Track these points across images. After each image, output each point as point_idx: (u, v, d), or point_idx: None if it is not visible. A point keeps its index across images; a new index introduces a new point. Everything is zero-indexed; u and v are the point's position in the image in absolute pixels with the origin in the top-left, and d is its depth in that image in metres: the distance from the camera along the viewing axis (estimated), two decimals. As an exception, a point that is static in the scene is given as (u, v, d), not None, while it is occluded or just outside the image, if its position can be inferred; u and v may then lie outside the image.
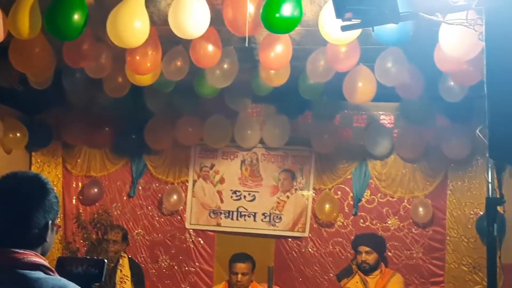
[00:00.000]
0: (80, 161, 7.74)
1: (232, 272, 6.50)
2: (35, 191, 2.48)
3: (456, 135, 6.93)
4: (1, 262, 2.37)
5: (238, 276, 6.45)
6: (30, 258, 2.39)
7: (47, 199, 2.49)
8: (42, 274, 2.39)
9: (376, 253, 6.59)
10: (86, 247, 6.64)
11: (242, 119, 7.44)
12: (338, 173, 7.48)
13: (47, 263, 2.45)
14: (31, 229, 2.44)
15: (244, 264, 6.47)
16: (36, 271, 2.38)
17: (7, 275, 2.35)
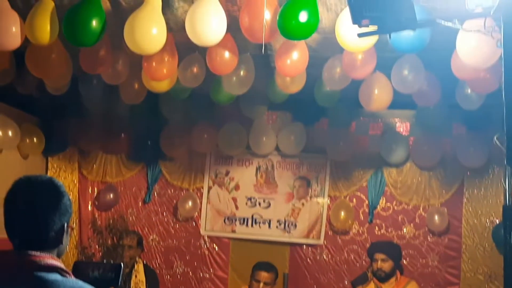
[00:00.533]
0: (96, 166, 7.77)
1: (255, 279, 6.45)
2: (50, 194, 2.51)
3: (473, 143, 6.90)
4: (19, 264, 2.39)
5: (260, 284, 6.41)
6: (47, 260, 2.41)
7: (62, 202, 2.51)
8: (59, 277, 2.40)
9: (392, 260, 6.57)
10: (102, 252, 6.68)
11: (257, 126, 7.44)
12: (354, 180, 7.46)
13: (63, 266, 2.47)
14: (48, 232, 2.46)
15: (268, 274, 6.43)
16: (53, 273, 2.39)
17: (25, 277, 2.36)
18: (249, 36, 4.85)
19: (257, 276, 6.42)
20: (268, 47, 5.44)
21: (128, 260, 6.71)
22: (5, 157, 6.68)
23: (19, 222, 2.49)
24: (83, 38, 4.75)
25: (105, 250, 6.61)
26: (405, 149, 7.24)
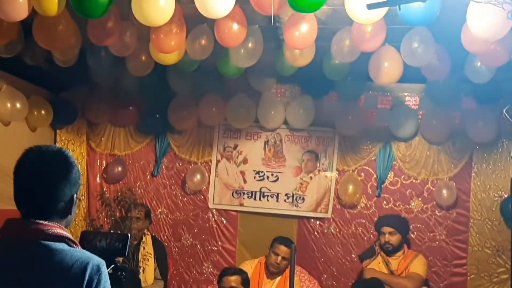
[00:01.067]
0: (104, 139, 7.76)
1: (274, 252, 6.54)
2: (61, 165, 2.51)
3: (482, 117, 6.88)
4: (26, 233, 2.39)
5: (278, 258, 6.50)
6: (55, 230, 2.42)
7: (72, 172, 2.52)
8: (66, 246, 2.41)
9: (400, 234, 6.60)
10: (110, 224, 6.70)
11: (266, 99, 7.42)
12: (362, 154, 7.44)
13: (70, 236, 2.47)
14: (58, 202, 2.47)
15: (287, 249, 6.49)
16: (60, 243, 2.40)
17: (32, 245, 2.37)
18: (257, 8, 4.82)
19: (276, 249, 6.52)
20: (276, 19, 5.42)
21: (136, 232, 6.74)
22: (13, 129, 6.68)
23: (29, 190, 2.50)
24: (91, 9, 4.72)
25: (113, 222, 6.63)
26: (414, 123, 7.21)
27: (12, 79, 6.62)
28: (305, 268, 7.32)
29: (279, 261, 6.50)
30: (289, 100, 7.49)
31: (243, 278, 5.43)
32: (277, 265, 6.52)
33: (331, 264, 7.41)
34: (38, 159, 2.51)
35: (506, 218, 6.93)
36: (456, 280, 7.11)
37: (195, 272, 7.57)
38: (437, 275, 7.10)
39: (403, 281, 6.31)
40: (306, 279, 7.15)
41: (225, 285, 5.35)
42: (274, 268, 6.57)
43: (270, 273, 6.62)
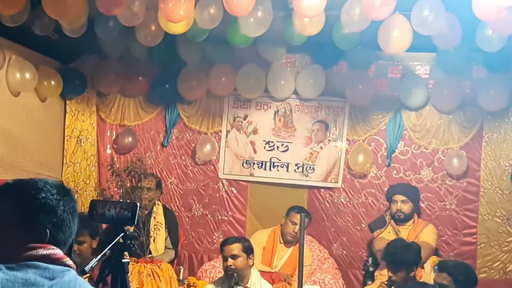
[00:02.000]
0: (114, 110, 7.76)
1: (292, 221, 6.69)
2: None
3: (493, 86, 6.84)
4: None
5: (296, 227, 6.58)
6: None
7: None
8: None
9: (411, 202, 6.63)
10: (120, 194, 6.72)
11: (275, 69, 7.39)
12: (372, 124, 7.42)
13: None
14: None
15: (306, 219, 6.55)
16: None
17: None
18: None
19: (294, 218, 6.62)
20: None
21: (147, 202, 6.77)
22: (23, 100, 6.69)
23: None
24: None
25: (124, 192, 6.64)
26: (425, 92, 7.17)
27: (21, 49, 6.62)
28: (315, 238, 7.38)
29: (297, 230, 6.56)
30: (299, 69, 7.47)
31: (244, 245, 5.46)
32: (295, 234, 6.61)
33: (341, 234, 7.43)
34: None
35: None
36: (466, 249, 7.12)
37: (205, 242, 7.62)
38: (447, 244, 7.11)
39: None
40: (316, 248, 7.20)
41: (227, 254, 5.39)
42: (291, 237, 6.67)
43: (287, 242, 6.70)
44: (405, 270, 5.25)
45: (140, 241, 6.44)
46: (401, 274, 5.24)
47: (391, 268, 5.29)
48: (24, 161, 6.62)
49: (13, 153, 6.41)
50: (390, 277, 5.29)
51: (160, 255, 6.74)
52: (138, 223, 6.55)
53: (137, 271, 6.29)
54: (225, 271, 5.39)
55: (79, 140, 7.66)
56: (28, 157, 6.71)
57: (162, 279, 6.31)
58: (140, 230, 6.46)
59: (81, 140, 7.67)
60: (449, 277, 4.62)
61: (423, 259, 6.09)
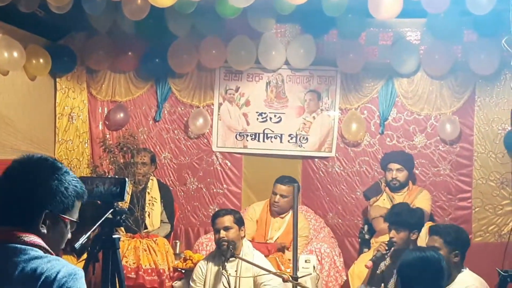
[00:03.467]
0: (104, 86, 7.72)
1: (273, 192, 6.73)
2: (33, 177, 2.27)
3: (484, 49, 6.82)
4: None
5: (277, 196, 6.61)
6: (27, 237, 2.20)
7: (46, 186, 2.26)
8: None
9: (406, 170, 6.65)
10: (114, 170, 6.72)
11: (266, 39, 7.35)
12: (364, 92, 7.40)
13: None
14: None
15: (285, 187, 6.61)
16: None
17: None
18: None
19: (274, 188, 6.72)
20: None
21: (141, 177, 6.78)
22: (12, 79, 6.64)
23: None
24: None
25: (117, 168, 6.64)
26: (416, 59, 7.15)
27: (8, 28, 6.56)
28: (310, 207, 7.41)
29: (278, 199, 6.62)
30: (290, 39, 7.42)
31: (235, 217, 5.46)
32: (277, 204, 6.63)
33: (336, 202, 7.44)
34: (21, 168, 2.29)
35: (510, 150, 6.93)
36: (461, 213, 7.14)
37: (201, 215, 7.62)
38: (442, 209, 7.13)
39: None
40: (312, 218, 7.23)
41: (219, 226, 5.39)
42: (274, 207, 6.68)
43: (273, 213, 6.73)
44: (407, 232, 5.27)
45: (135, 216, 6.45)
46: (402, 235, 5.26)
47: (394, 228, 5.31)
48: (16, 140, 6.59)
49: (4, 132, 6.39)
50: (391, 238, 5.31)
51: (156, 229, 6.75)
52: (132, 199, 6.58)
53: (133, 246, 6.31)
54: (218, 244, 5.39)
55: (70, 117, 7.63)
56: (20, 136, 6.68)
57: (158, 253, 6.33)
58: (135, 206, 6.47)
59: (73, 117, 7.64)
60: (440, 239, 4.63)
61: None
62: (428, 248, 4.31)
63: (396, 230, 5.31)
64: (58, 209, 2.25)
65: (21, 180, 2.24)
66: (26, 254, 2.13)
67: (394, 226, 5.34)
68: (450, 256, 4.57)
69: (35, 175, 2.25)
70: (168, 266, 6.36)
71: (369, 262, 5.38)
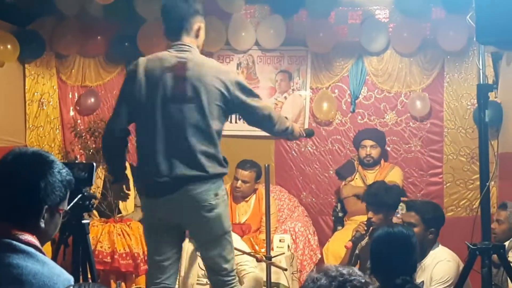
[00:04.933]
0: (74, 71, 7.66)
1: (235, 177, 6.65)
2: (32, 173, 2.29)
3: (452, 26, 6.85)
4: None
5: (238, 182, 6.60)
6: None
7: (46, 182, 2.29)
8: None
9: (380, 147, 6.70)
10: (85, 156, 6.70)
11: (235, 21, 7.33)
12: (335, 71, 7.42)
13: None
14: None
15: (246, 172, 6.60)
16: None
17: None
18: None
19: (236, 173, 6.65)
20: None
21: (114, 162, 6.75)
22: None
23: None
24: None
25: (89, 154, 6.62)
26: (385, 37, 7.18)
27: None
28: (284, 187, 7.43)
29: (240, 185, 6.59)
30: (259, 20, 7.42)
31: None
32: (238, 189, 6.61)
33: (310, 182, 7.47)
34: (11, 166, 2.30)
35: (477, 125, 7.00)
36: (433, 189, 7.22)
37: (176, 197, 7.61)
38: (414, 185, 7.20)
39: None
40: (286, 197, 7.26)
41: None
42: (237, 192, 6.65)
43: (235, 198, 6.69)
44: (385, 212, 5.31)
45: (108, 201, 6.45)
46: (380, 215, 5.30)
47: (372, 209, 5.34)
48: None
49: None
50: (370, 218, 5.34)
51: (130, 214, 6.74)
52: (105, 184, 6.57)
53: (107, 231, 6.30)
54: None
55: (41, 103, 7.57)
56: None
57: (132, 237, 6.33)
58: (108, 190, 6.45)
59: (43, 103, 7.58)
60: (417, 215, 4.68)
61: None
62: (398, 225, 4.36)
63: (374, 210, 5.35)
64: (55, 203, 2.31)
65: (19, 177, 2.25)
66: (18, 252, 2.15)
67: (372, 207, 5.37)
68: (425, 233, 4.63)
69: (32, 171, 2.27)
70: (142, 250, 6.34)
71: (348, 243, 5.42)
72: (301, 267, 6.55)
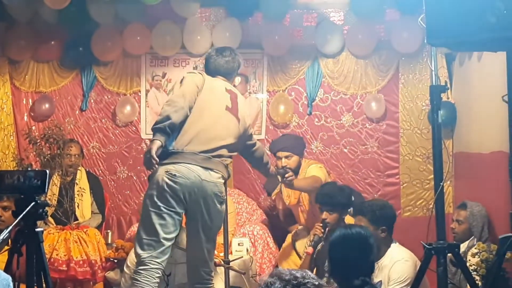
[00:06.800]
0: (28, 77, 7.56)
1: None
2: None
3: (406, 28, 6.92)
4: None
5: None
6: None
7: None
8: None
9: (297, 155, 6.45)
10: (40, 163, 6.60)
11: (191, 24, 7.31)
12: (291, 73, 7.45)
13: None
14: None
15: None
16: None
17: None
18: None
19: None
20: None
21: (68, 168, 6.68)
22: None
23: None
24: None
25: (44, 160, 6.53)
26: (340, 39, 7.25)
27: None
28: (242, 190, 7.42)
29: None
30: (215, 23, 7.41)
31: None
32: None
33: (268, 184, 7.47)
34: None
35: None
36: (390, 189, 7.28)
37: (133, 204, 7.55)
38: (371, 186, 7.26)
39: (299, 182, 6.09)
40: (244, 201, 7.24)
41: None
42: None
43: None
44: (339, 212, 5.35)
45: (64, 208, 6.38)
46: (335, 215, 5.34)
47: (326, 209, 5.36)
48: None
49: None
50: (324, 219, 5.36)
51: (87, 220, 6.67)
52: (61, 190, 6.51)
53: (64, 239, 6.22)
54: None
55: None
56: None
57: (89, 244, 6.26)
58: (64, 197, 6.39)
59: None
60: (365, 218, 4.71)
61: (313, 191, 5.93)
62: (355, 226, 4.38)
63: (328, 211, 5.37)
64: None
65: None
66: None
67: (326, 207, 5.39)
68: (377, 232, 4.66)
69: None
70: (100, 257, 6.30)
71: (309, 248, 5.42)
72: (260, 271, 6.53)
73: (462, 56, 6.70)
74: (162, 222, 4.41)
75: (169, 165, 4.45)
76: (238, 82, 7.17)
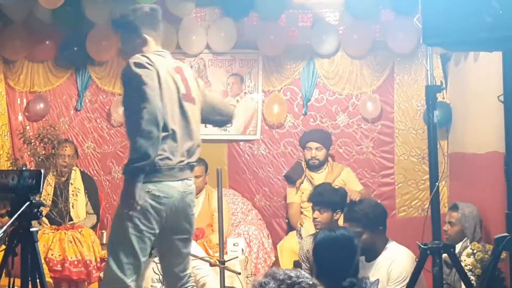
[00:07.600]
0: (22, 76, 7.54)
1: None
2: None
3: (402, 28, 6.93)
4: None
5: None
6: None
7: None
8: None
9: (325, 149, 6.70)
10: (34, 163, 6.60)
11: (186, 24, 7.30)
12: (286, 74, 7.45)
13: None
14: None
15: (197, 167, 6.53)
16: None
17: None
18: None
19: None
20: None
21: (63, 168, 6.67)
22: None
23: None
24: None
25: (38, 160, 6.52)
26: (335, 39, 7.24)
27: None
28: (237, 191, 7.42)
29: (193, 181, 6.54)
30: (210, 23, 7.41)
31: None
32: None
33: (263, 185, 7.48)
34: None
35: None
36: (385, 189, 7.29)
37: (128, 204, 7.53)
38: (366, 186, 7.20)
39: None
40: (239, 201, 7.25)
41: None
42: None
43: None
44: (331, 212, 5.35)
45: (59, 208, 6.38)
46: (326, 215, 5.34)
47: (318, 208, 5.37)
48: None
49: None
50: (315, 218, 5.37)
51: (81, 221, 6.67)
52: (56, 191, 6.51)
53: (58, 239, 6.21)
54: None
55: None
56: None
57: (84, 244, 6.25)
58: (58, 197, 6.39)
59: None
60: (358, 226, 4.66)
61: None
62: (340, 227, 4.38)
63: (319, 210, 5.38)
64: None
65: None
66: None
67: (318, 207, 5.40)
68: (373, 235, 4.64)
69: None
70: (95, 257, 6.30)
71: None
72: (256, 271, 6.54)
73: (457, 57, 6.71)
74: (142, 246, 4.03)
75: (149, 184, 3.92)
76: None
